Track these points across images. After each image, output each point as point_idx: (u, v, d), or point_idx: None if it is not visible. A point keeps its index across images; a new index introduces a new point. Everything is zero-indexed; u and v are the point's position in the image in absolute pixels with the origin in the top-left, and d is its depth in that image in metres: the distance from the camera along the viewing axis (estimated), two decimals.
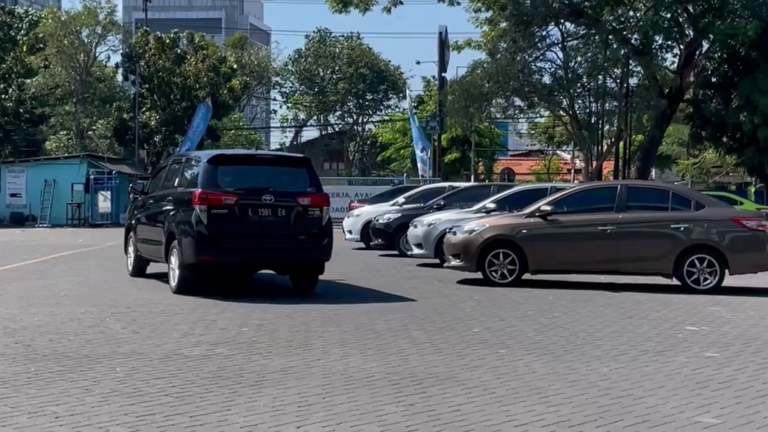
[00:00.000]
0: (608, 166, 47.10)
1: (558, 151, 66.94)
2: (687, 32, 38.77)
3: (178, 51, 55.65)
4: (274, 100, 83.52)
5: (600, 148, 42.37)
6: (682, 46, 39.30)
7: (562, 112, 42.10)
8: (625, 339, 9.99)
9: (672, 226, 14.87)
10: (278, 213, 13.55)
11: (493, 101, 40.81)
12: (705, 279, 14.63)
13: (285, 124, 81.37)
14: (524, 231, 15.21)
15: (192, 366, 8.18)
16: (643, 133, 44.01)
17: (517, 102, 41.67)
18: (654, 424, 6.49)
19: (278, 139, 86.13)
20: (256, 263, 14.29)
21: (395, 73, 72.65)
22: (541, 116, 52.40)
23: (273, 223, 13.55)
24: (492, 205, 18.54)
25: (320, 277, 14.28)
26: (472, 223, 16.01)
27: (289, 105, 79.46)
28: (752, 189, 45.00)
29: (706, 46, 38.70)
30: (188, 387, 7.36)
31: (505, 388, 7.54)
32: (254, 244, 13.61)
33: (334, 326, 10.63)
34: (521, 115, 47.14)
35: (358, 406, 6.87)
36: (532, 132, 64.97)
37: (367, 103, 73.86)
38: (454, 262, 15.82)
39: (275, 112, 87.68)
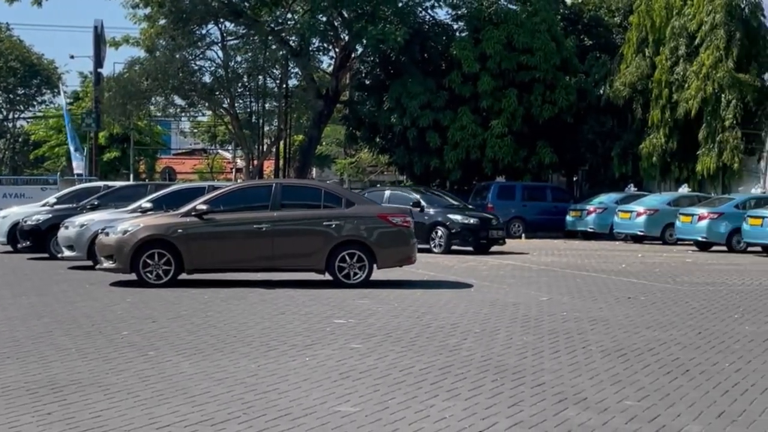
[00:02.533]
0: (270, 165, 47.85)
1: (221, 150, 66.98)
2: (342, 36, 40.26)
3: None
4: None
5: (261, 147, 42.94)
6: (337, 49, 40.76)
7: (223, 111, 42.18)
8: (276, 335, 10.16)
9: (324, 223, 15.34)
10: None
11: (153, 99, 40.11)
12: (355, 273, 15.23)
13: None
14: (180, 231, 15.04)
15: None
16: (302, 133, 45.17)
17: (178, 100, 41.23)
18: (296, 416, 6.64)
19: None
20: None
21: (49, 67, 69.25)
22: (203, 115, 52.17)
23: None
24: (148, 205, 18.17)
25: None
26: (125, 223, 15.59)
27: None
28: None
29: (360, 50, 40.39)
30: None
31: (151, 390, 7.40)
32: None
33: None
34: (182, 114, 46.68)
35: None
36: (195, 131, 64.54)
37: (18, 98, 69.85)
38: (107, 264, 15.34)
39: None
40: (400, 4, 38.22)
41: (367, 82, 41.82)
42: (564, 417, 6.72)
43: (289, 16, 39.45)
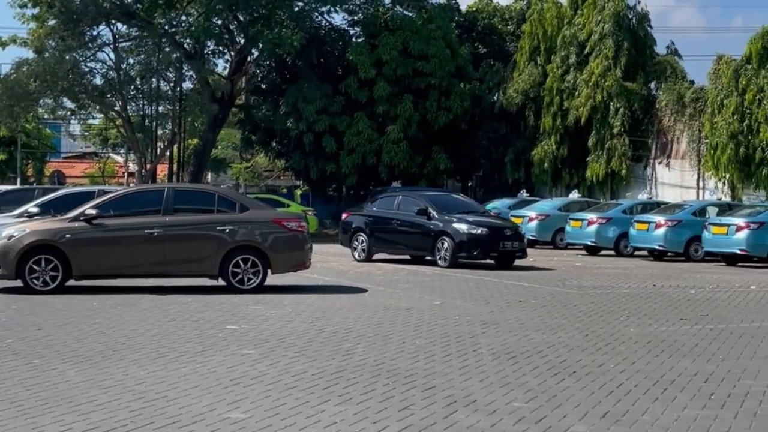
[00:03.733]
0: (163, 169, 47.12)
1: (112, 154, 65.66)
2: (237, 39, 39.97)
3: None
4: None
5: (154, 151, 42.29)
6: (233, 53, 40.44)
7: (115, 114, 41.39)
8: (166, 341, 10.00)
9: (218, 227, 15.17)
10: None
11: (41, 101, 39.11)
12: (249, 279, 15.11)
13: None
14: (67, 236, 14.68)
15: None
16: (197, 137, 44.65)
17: (67, 103, 40.28)
18: (184, 423, 6.56)
19: None
20: None
21: None
22: (94, 118, 51.06)
23: None
24: (35, 210, 17.68)
25: None
26: (11, 228, 15.15)
27: None
28: (298, 192, 47.40)
29: (255, 53, 40.17)
30: None
31: (35, 399, 7.21)
32: None
33: None
34: (72, 116, 45.61)
35: None
36: (86, 134, 63.11)
37: None
38: None
39: None
40: (296, 9, 38.19)
41: (263, 86, 41.63)
42: (453, 420, 6.80)
43: (184, 18, 38.96)
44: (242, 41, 39.47)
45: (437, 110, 38.57)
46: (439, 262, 21.30)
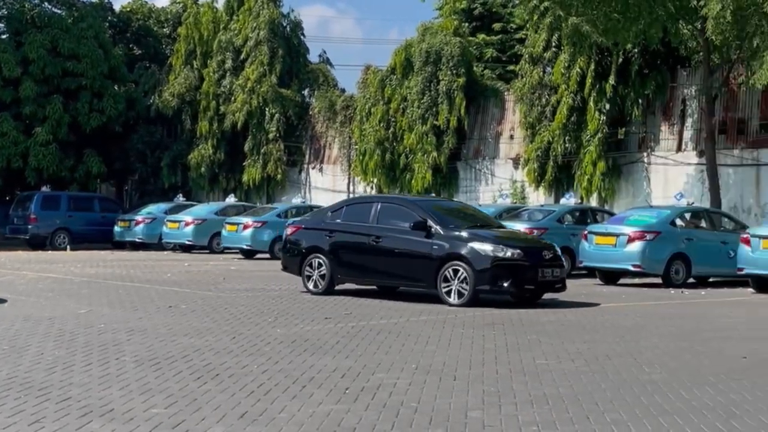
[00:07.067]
0: None
1: None
2: None
3: None
4: None
5: None
6: None
7: None
8: None
9: None
10: None
11: None
12: None
13: None
14: None
15: None
16: None
17: None
18: None
19: None
20: None
21: None
22: None
23: None
24: None
25: None
26: None
27: None
28: None
29: None
30: None
31: None
32: None
33: None
34: None
35: None
36: None
37: None
38: None
39: None
40: None
41: None
42: (88, 429, 6.58)
43: None
44: None
45: (89, 112, 37.30)
46: (448, 298, 15.08)
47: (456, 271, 15.03)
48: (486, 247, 15.12)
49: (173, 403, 7.47)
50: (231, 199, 34.83)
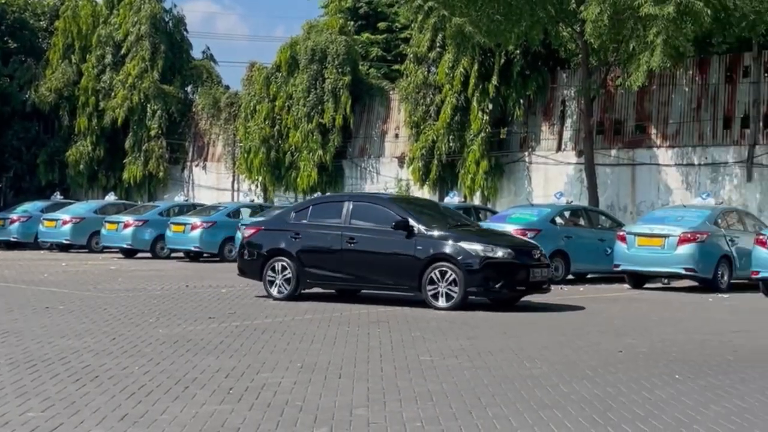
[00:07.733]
0: None
1: None
2: None
3: None
4: None
5: None
6: None
7: None
8: None
9: None
10: None
11: None
12: None
13: None
14: None
15: None
16: None
17: None
18: None
19: None
20: None
21: None
22: None
23: None
24: None
25: None
26: None
27: None
28: None
29: None
30: None
31: None
32: None
33: None
34: None
35: None
36: None
37: None
38: None
39: None
40: None
41: None
42: None
43: None
44: None
45: None
46: (435, 301, 14.31)
47: (443, 273, 14.22)
48: (475, 247, 14.38)
49: (50, 406, 7.26)
50: (111, 197, 34.09)
